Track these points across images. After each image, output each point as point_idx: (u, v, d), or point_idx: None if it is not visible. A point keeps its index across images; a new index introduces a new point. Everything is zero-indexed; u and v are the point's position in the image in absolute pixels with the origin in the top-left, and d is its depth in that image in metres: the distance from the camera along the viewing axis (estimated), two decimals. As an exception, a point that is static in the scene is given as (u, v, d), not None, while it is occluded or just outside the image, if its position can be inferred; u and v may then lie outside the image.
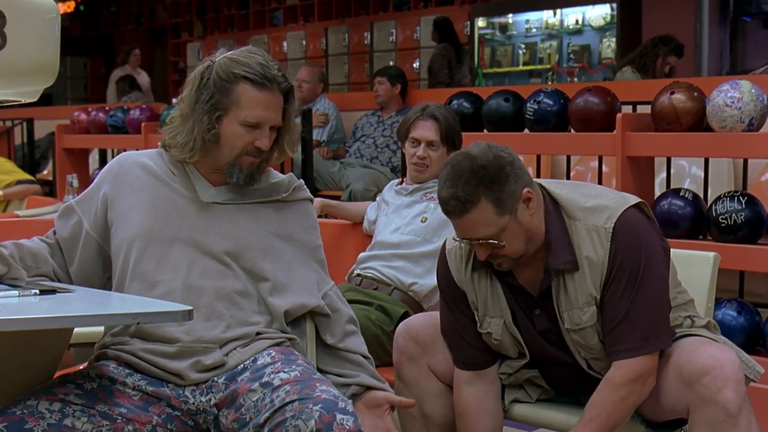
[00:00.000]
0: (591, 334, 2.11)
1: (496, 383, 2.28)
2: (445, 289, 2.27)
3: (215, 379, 2.01)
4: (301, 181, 2.27)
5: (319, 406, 1.85)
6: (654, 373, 2.08)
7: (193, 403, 2.00)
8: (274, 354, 2.05)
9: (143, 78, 10.27)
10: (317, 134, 6.07)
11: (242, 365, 2.03)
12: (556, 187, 2.17)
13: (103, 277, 2.18)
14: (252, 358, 2.04)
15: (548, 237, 2.11)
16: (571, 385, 2.26)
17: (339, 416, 1.84)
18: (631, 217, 2.10)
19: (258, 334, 2.09)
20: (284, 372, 1.97)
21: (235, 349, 2.05)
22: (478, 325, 2.22)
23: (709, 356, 1.99)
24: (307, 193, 2.27)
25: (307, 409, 1.85)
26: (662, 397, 2.09)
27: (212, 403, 2.00)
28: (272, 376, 1.96)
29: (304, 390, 1.90)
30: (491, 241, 2.05)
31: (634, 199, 2.14)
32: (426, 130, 3.02)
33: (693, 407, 1.99)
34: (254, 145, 2.08)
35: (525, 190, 2.06)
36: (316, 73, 6.41)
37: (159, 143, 2.19)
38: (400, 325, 2.38)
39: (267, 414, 1.89)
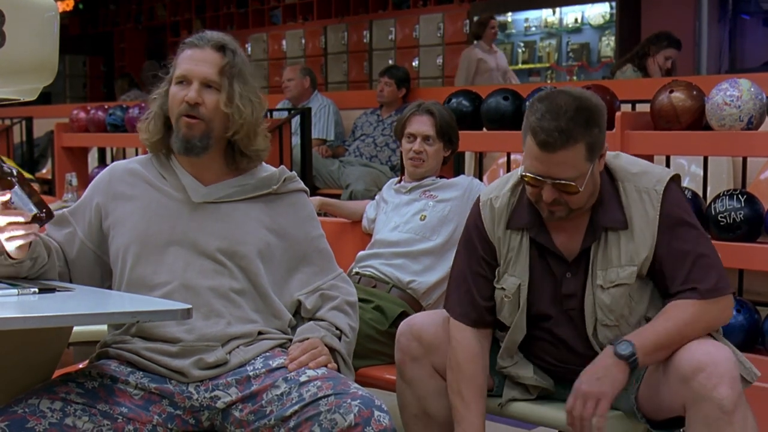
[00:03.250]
0: (621, 294, 2.11)
1: (489, 340, 2.27)
2: (473, 241, 2.26)
3: (225, 377, 2.02)
4: (293, 172, 2.26)
5: (357, 401, 1.88)
6: (731, 313, 2.11)
7: (197, 399, 2.00)
8: (286, 357, 2.06)
9: (500, 59, 7.57)
10: (322, 133, 6.06)
11: (252, 367, 2.03)
12: None
13: (102, 287, 2.18)
14: (261, 360, 2.04)
15: (600, 196, 2.13)
16: (557, 363, 2.25)
17: (377, 413, 1.88)
18: (676, 186, 2.14)
19: (260, 333, 2.10)
20: (309, 370, 1.99)
21: (238, 347, 2.06)
22: (495, 279, 2.23)
23: (705, 353, 1.98)
24: (300, 185, 2.26)
25: (345, 404, 1.87)
26: (660, 393, 2.08)
27: (220, 399, 2.00)
28: (297, 372, 1.98)
29: (338, 386, 1.93)
30: (570, 182, 2.04)
31: (673, 171, 2.17)
32: (422, 125, 3.05)
33: (689, 404, 1.98)
34: (184, 101, 2.10)
35: (606, 144, 2.08)
36: (298, 69, 6.39)
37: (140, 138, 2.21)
38: (403, 323, 2.35)
39: (295, 407, 1.91)
